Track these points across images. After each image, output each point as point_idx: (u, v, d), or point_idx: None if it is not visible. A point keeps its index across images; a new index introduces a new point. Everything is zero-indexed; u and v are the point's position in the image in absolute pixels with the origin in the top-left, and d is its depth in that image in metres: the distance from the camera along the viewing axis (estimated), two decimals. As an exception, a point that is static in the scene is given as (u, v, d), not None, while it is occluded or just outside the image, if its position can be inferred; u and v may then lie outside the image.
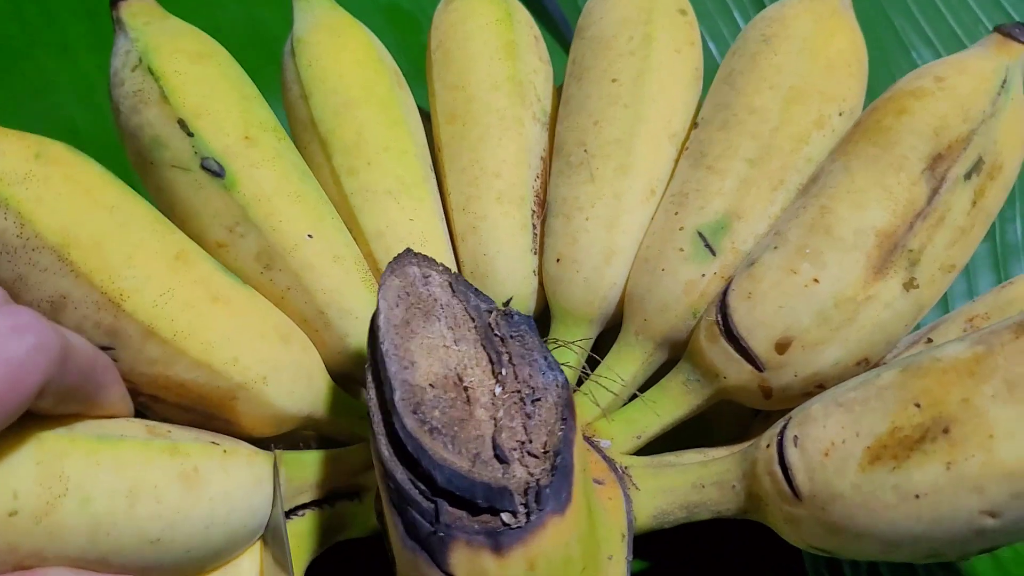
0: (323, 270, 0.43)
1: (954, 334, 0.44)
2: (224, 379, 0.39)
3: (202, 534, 0.36)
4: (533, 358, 0.36)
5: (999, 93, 0.43)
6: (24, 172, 0.38)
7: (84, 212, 0.38)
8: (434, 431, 0.34)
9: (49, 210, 0.38)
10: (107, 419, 0.37)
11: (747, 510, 0.40)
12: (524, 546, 0.32)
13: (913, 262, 0.41)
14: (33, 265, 0.38)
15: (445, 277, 0.39)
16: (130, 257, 0.38)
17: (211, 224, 0.43)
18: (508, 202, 0.49)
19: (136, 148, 0.44)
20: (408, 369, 0.35)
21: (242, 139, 0.43)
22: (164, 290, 0.39)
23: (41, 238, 0.38)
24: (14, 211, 0.38)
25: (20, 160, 0.38)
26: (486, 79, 0.51)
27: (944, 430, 0.35)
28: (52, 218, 0.38)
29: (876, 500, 0.35)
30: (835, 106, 0.46)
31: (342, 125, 0.48)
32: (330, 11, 0.52)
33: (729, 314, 0.42)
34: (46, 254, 0.38)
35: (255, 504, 0.38)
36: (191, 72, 0.44)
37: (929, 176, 0.41)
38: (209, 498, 0.36)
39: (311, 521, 0.41)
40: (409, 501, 0.33)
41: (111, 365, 0.37)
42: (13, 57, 0.67)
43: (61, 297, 0.38)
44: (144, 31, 0.45)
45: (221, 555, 0.38)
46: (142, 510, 0.34)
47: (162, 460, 0.35)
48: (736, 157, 0.45)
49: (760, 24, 0.50)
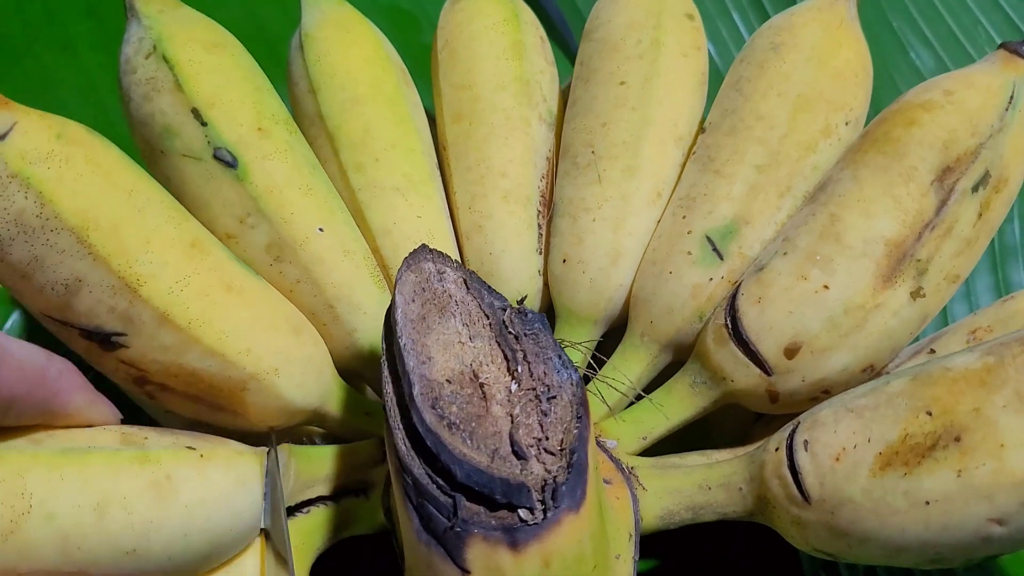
0: (333, 264, 0.43)
1: (957, 346, 0.45)
2: (237, 369, 0.39)
3: (181, 542, 0.35)
4: (547, 356, 0.36)
5: (1007, 109, 0.43)
6: (46, 151, 0.37)
7: (104, 195, 0.38)
8: (452, 426, 0.34)
9: (69, 191, 0.37)
10: (79, 429, 0.37)
11: (753, 512, 0.40)
12: (540, 543, 0.32)
13: (921, 271, 0.41)
14: (51, 247, 0.37)
15: (460, 274, 0.39)
16: (148, 242, 0.38)
17: (221, 215, 0.43)
18: (514, 201, 0.49)
19: (146, 137, 0.44)
20: (425, 364, 0.35)
21: (255, 130, 0.43)
22: (180, 277, 0.38)
23: (61, 219, 0.37)
24: (35, 190, 0.37)
25: (42, 139, 0.38)
26: (493, 79, 0.51)
27: (955, 438, 0.35)
28: (72, 199, 0.37)
29: (886, 505, 0.36)
30: (842, 115, 0.47)
31: (350, 121, 0.48)
32: (338, 7, 0.52)
33: (739, 318, 0.42)
34: (64, 236, 0.37)
35: (238, 507, 0.37)
36: (206, 61, 0.44)
37: (938, 187, 0.42)
38: (184, 505, 0.35)
39: (317, 518, 0.41)
40: (426, 496, 0.33)
41: (70, 370, 0.36)
42: (15, 55, 0.66)
43: (77, 280, 0.37)
44: (158, 19, 0.44)
45: (212, 558, 0.38)
46: (112, 522, 0.34)
47: (132, 470, 0.35)
48: (744, 162, 0.46)
49: (768, 32, 0.50)
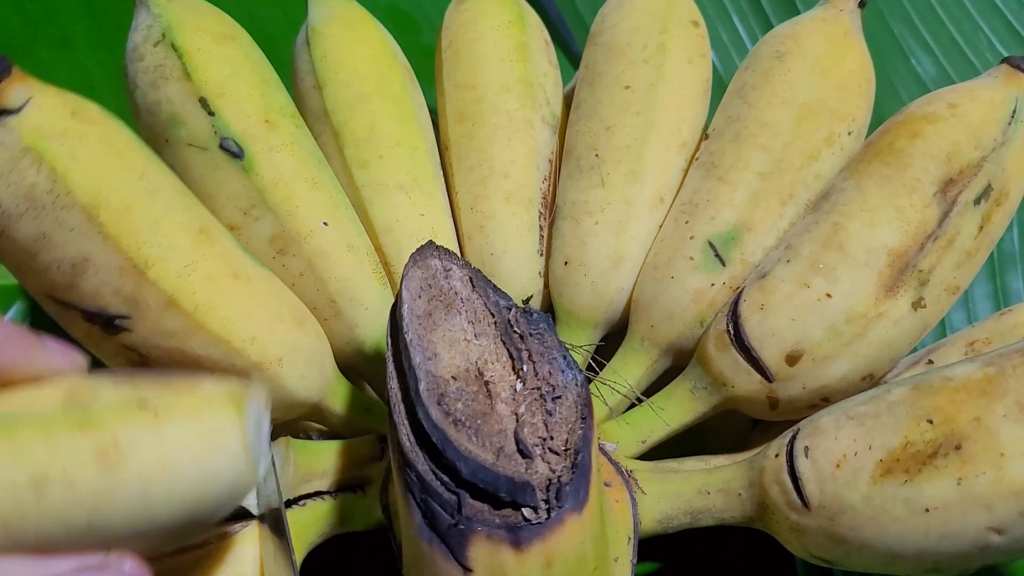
0: (337, 258, 0.43)
1: (955, 357, 0.45)
2: (241, 357, 0.39)
3: (144, 513, 0.30)
4: (552, 356, 0.36)
5: (1009, 123, 0.44)
6: (61, 128, 0.37)
7: (116, 175, 0.37)
8: (458, 423, 0.34)
9: (83, 169, 0.37)
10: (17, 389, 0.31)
11: (752, 518, 0.40)
12: (543, 542, 0.32)
13: (922, 282, 0.41)
14: (60, 224, 0.36)
15: (466, 272, 0.39)
16: (158, 225, 0.38)
17: (226, 206, 0.43)
18: (516, 203, 0.49)
19: (151, 125, 0.44)
20: (431, 360, 0.35)
21: (262, 122, 0.43)
22: (188, 262, 0.38)
23: (72, 196, 0.36)
24: (48, 166, 0.36)
25: (58, 116, 0.37)
26: (497, 80, 0.51)
27: (956, 447, 0.35)
28: (85, 177, 0.37)
29: (886, 513, 0.36)
30: (845, 125, 0.47)
31: (355, 118, 0.48)
32: (346, 4, 0.52)
33: (741, 324, 0.42)
34: (75, 213, 0.36)
35: (211, 467, 0.31)
36: (215, 51, 0.44)
37: (941, 199, 0.42)
38: (138, 473, 0.30)
39: (312, 511, 0.41)
40: (430, 492, 0.33)
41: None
42: (13, 51, 0.65)
43: (84, 260, 0.37)
44: (168, 7, 0.44)
45: (195, 525, 0.33)
46: (54, 499, 0.29)
47: (70, 440, 0.30)
48: (747, 169, 0.46)
49: (773, 41, 0.50)
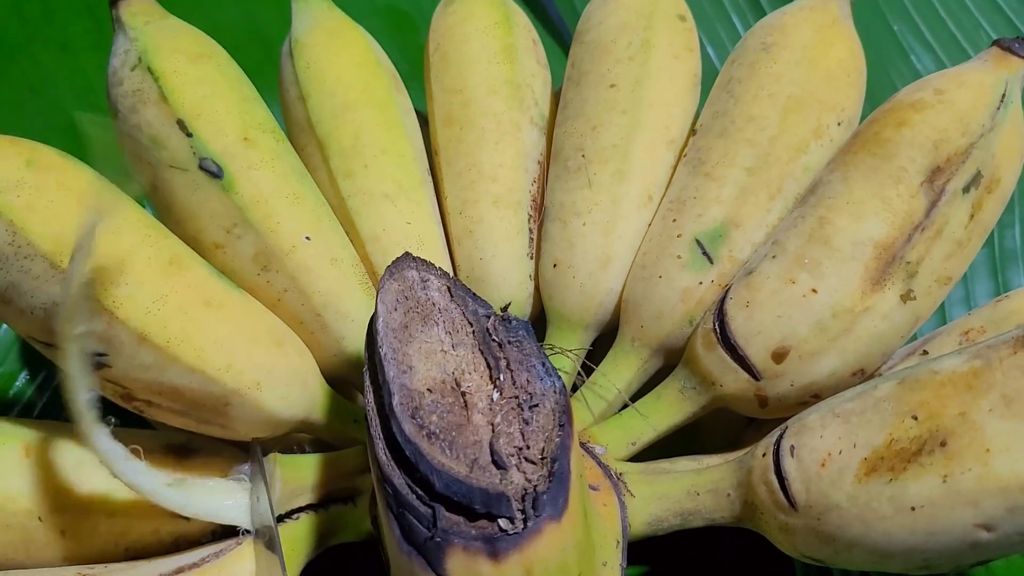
0: (320, 272, 0.43)
1: (950, 347, 0.44)
2: (218, 385, 0.39)
3: None
4: (531, 364, 0.36)
5: (998, 107, 0.43)
6: (16, 179, 0.38)
7: (76, 220, 0.38)
8: (432, 436, 0.34)
9: (41, 218, 0.37)
10: None
11: (741, 518, 0.40)
12: (520, 552, 0.32)
13: (911, 274, 0.41)
14: (25, 272, 0.37)
15: (443, 281, 0.39)
16: (123, 264, 0.38)
17: (208, 225, 0.43)
18: (505, 206, 0.48)
19: (134, 148, 0.44)
20: (406, 373, 0.35)
21: (241, 140, 0.43)
22: (157, 296, 0.38)
23: (33, 246, 0.37)
24: (6, 219, 0.37)
25: (12, 167, 0.38)
26: (484, 83, 0.51)
27: (941, 443, 0.35)
28: (44, 226, 0.37)
29: (871, 511, 0.36)
30: (834, 116, 0.46)
31: (340, 127, 0.48)
32: (328, 13, 0.52)
33: (727, 322, 0.42)
34: (39, 262, 0.37)
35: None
36: (190, 72, 0.44)
37: (928, 189, 0.41)
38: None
39: (305, 525, 0.41)
40: (406, 506, 0.33)
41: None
42: (12, 54, 0.67)
43: (54, 304, 0.37)
44: (144, 31, 0.45)
45: None
46: None
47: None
48: (734, 165, 0.45)
49: (760, 32, 0.49)
